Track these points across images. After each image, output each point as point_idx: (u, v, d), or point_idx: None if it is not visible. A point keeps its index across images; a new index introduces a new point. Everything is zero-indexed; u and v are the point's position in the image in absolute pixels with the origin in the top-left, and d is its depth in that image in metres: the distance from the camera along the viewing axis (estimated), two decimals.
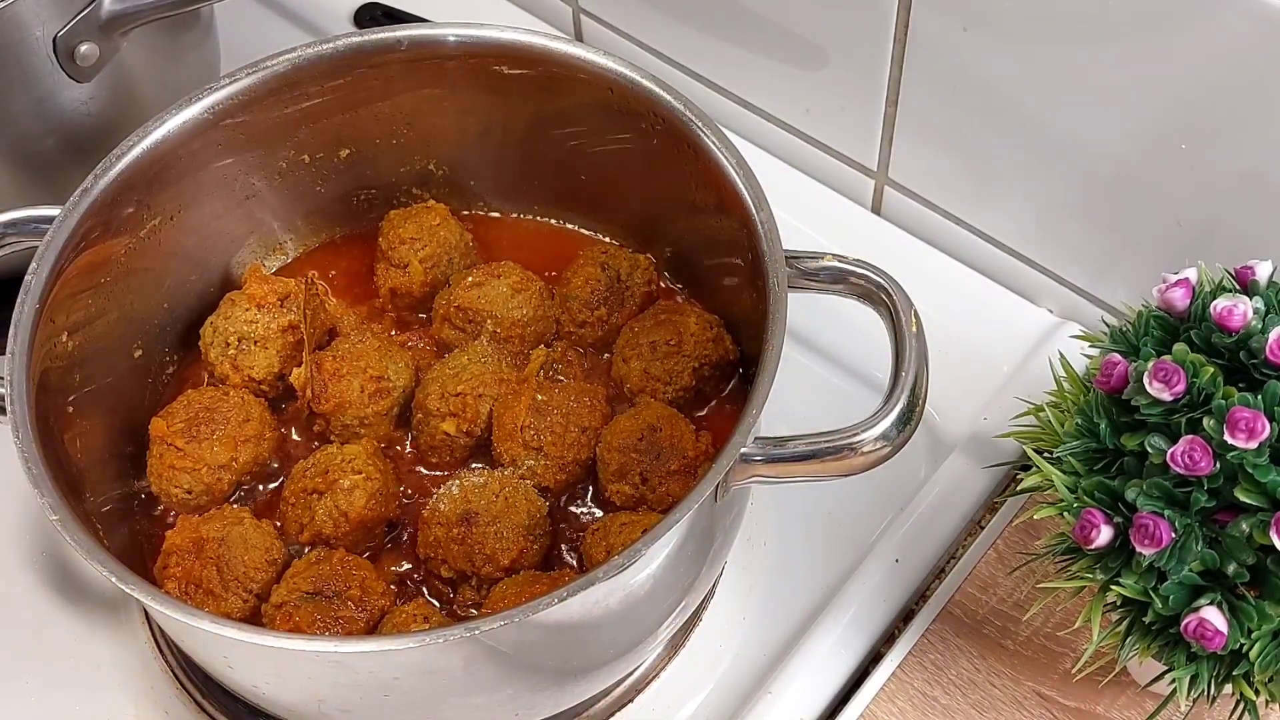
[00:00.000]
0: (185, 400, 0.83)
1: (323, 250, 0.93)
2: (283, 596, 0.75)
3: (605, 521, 0.78)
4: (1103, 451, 0.67)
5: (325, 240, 0.93)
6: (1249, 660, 0.63)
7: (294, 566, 0.78)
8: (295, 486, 0.79)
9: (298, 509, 0.79)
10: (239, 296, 0.86)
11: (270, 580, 0.77)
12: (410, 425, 0.84)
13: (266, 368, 0.84)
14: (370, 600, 0.75)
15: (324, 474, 0.78)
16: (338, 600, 0.75)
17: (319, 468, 0.79)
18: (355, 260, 0.92)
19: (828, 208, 1.01)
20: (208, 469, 0.81)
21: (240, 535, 0.77)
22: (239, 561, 0.76)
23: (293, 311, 0.85)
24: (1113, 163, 0.84)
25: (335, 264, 0.92)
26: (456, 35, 0.84)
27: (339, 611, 0.75)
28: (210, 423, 0.81)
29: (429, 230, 0.89)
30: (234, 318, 0.85)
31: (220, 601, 0.76)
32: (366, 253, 0.92)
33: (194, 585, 0.76)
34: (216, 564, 0.76)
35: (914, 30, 0.87)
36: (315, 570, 0.76)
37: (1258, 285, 0.67)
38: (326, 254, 0.93)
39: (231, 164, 0.86)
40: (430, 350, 0.88)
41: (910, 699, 0.79)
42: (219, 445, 0.81)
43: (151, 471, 0.82)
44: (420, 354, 0.88)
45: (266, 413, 0.84)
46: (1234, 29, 0.73)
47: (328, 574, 0.76)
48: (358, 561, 0.77)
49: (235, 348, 0.84)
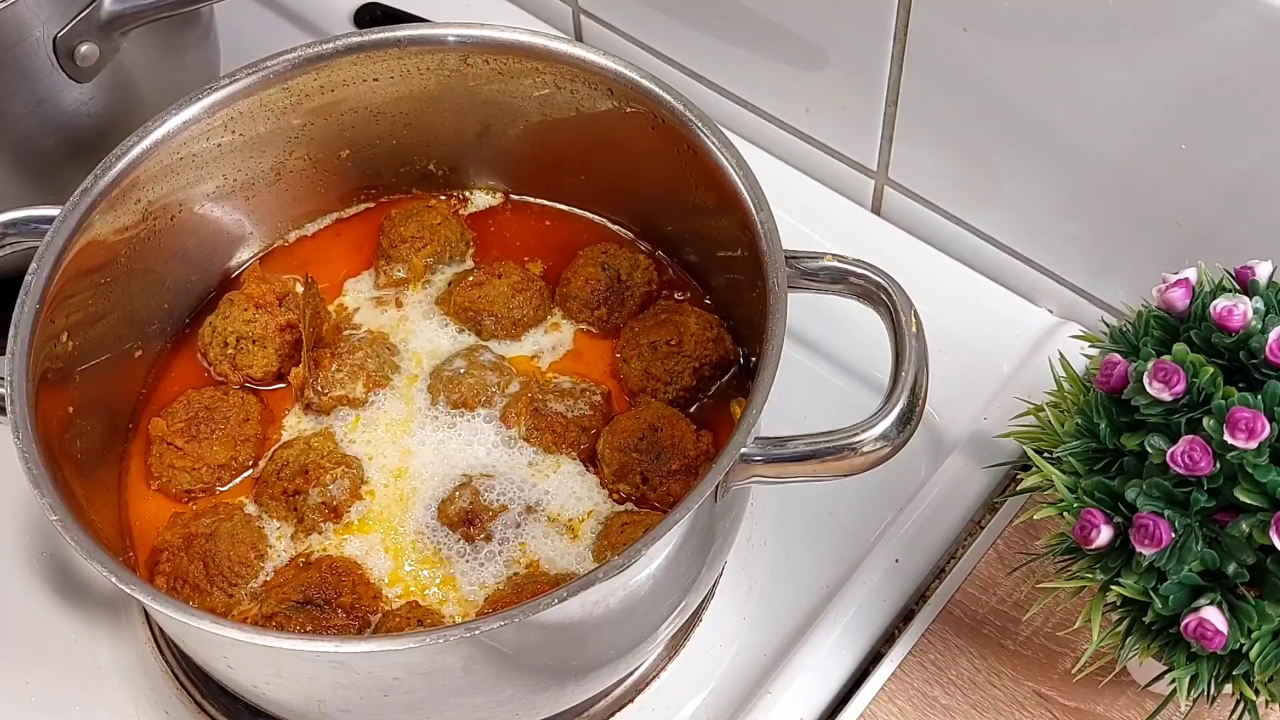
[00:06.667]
0: (185, 400, 0.83)
1: (323, 249, 0.93)
2: (272, 607, 0.75)
3: (606, 521, 0.78)
4: (1103, 451, 0.67)
5: (325, 240, 0.93)
6: (1249, 660, 0.63)
7: (280, 574, 0.78)
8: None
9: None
10: (238, 296, 0.86)
11: (255, 575, 0.78)
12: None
13: (265, 367, 0.85)
14: (362, 605, 0.76)
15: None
16: (328, 608, 0.75)
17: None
18: (355, 259, 0.92)
19: (828, 208, 1.01)
20: (208, 468, 0.81)
21: (228, 531, 0.78)
22: (224, 557, 0.77)
23: (291, 311, 0.85)
24: (1113, 163, 0.84)
25: (335, 264, 0.92)
26: (456, 35, 0.84)
27: (330, 620, 0.75)
28: (210, 422, 0.82)
29: (430, 229, 0.89)
30: (233, 317, 0.85)
31: (205, 597, 0.77)
32: (367, 252, 0.92)
33: (181, 580, 0.77)
34: (203, 559, 0.77)
35: (914, 30, 0.87)
36: (304, 578, 0.76)
37: (1258, 285, 0.67)
38: (326, 253, 0.93)
39: (232, 164, 0.86)
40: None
41: (910, 699, 0.79)
42: (219, 444, 0.81)
43: (152, 471, 0.82)
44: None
45: (265, 411, 0.84)
46: (1234, 29, 0.73)
47: (316, 581, 0.76)
48: (347, 565, 0.77)
49: (234, 347, 0.84)
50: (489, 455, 0.82)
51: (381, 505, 0.81)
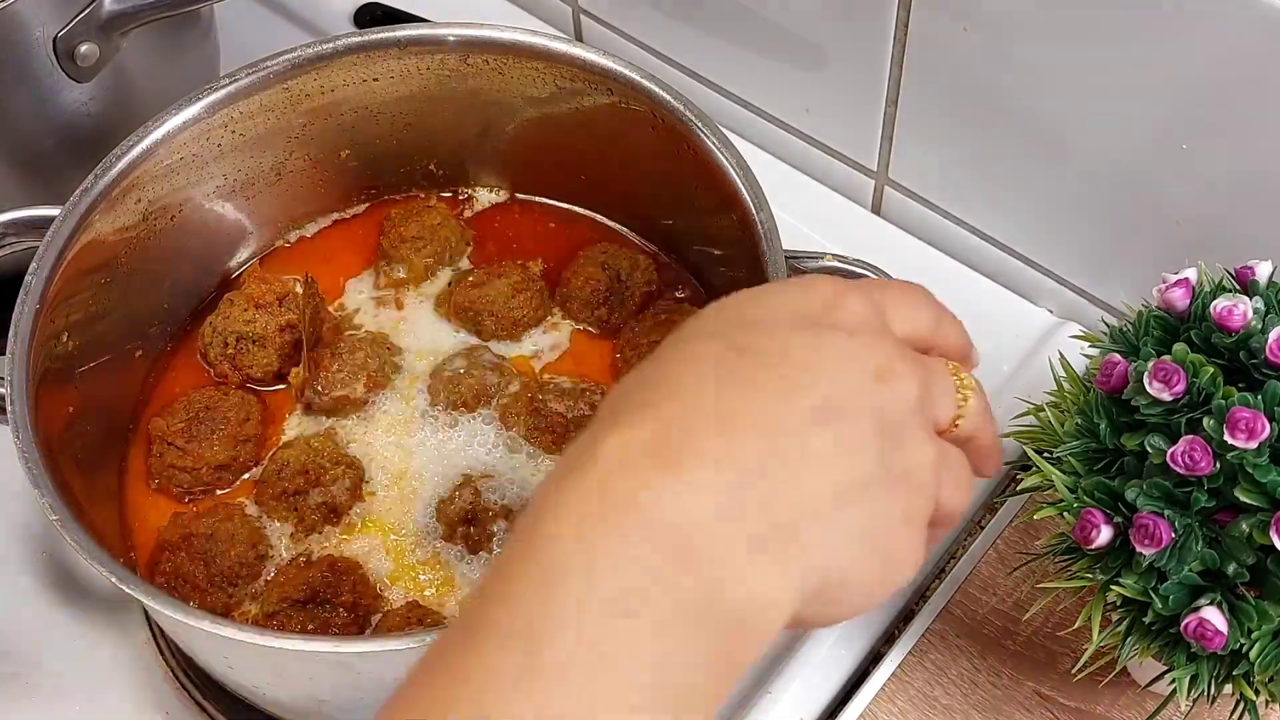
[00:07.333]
0: (185, 400, 0.83)
1: (323, 250, 0.93)
2: (272, 605, 0.75)
3: None
4: (1103, 451, 0.67)
5: (326, 240, 0.93)
6: (1249, 660, 0.63)
7: (282, 572, 0.78)
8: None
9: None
10: (238, 297, 0.86)
11: (256, 576, 0.78)
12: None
13: (265, 367, 0.85)
14: (363, 604, 0.76)
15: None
16: (328, 607, 0.75)
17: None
18: (356, 260, 0.92)
19: (828, 208, 1.01)
20: (208, 468, 0.81)
21: (227, 531, 0.78)
22: (225, 557, 0.77)
23: (291, 311, 0.85)
24: (1113, 163, 0.84)
25: (335, 264, 0.92)
26: (456, 35, 0.84)
27: (331, 619, 0.75)
28: (210, 422, 0.82)
29: (430, 230, 0.89)
30: (233, 317, 0.85)
31: (205, 596, 0.77)
32: (367, 252, 0.92)
33: (181, 580, 0.77)
34: (204, 559, 0.77)
35: (914, 30, 0.87)
36: (304, 576, 0.76)
37: (1258, 285, 0.67)
38: (327, 253, 0.93)
39: (232, 164, 0.86)
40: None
41: (910, 699, 0.79)
42: (219, 444, 0.81)
43: (152, 470, 0.82)
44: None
45: (266, 411, 0.84)
46: (1234, 29, 0.73)
47: (318, 580, 0.76)
48: (348, 564, 0.77)
49: (234, 347, 0.85)
50: (489, 455, 0.82)
51: (382, 506, 0.81)
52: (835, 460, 0.46)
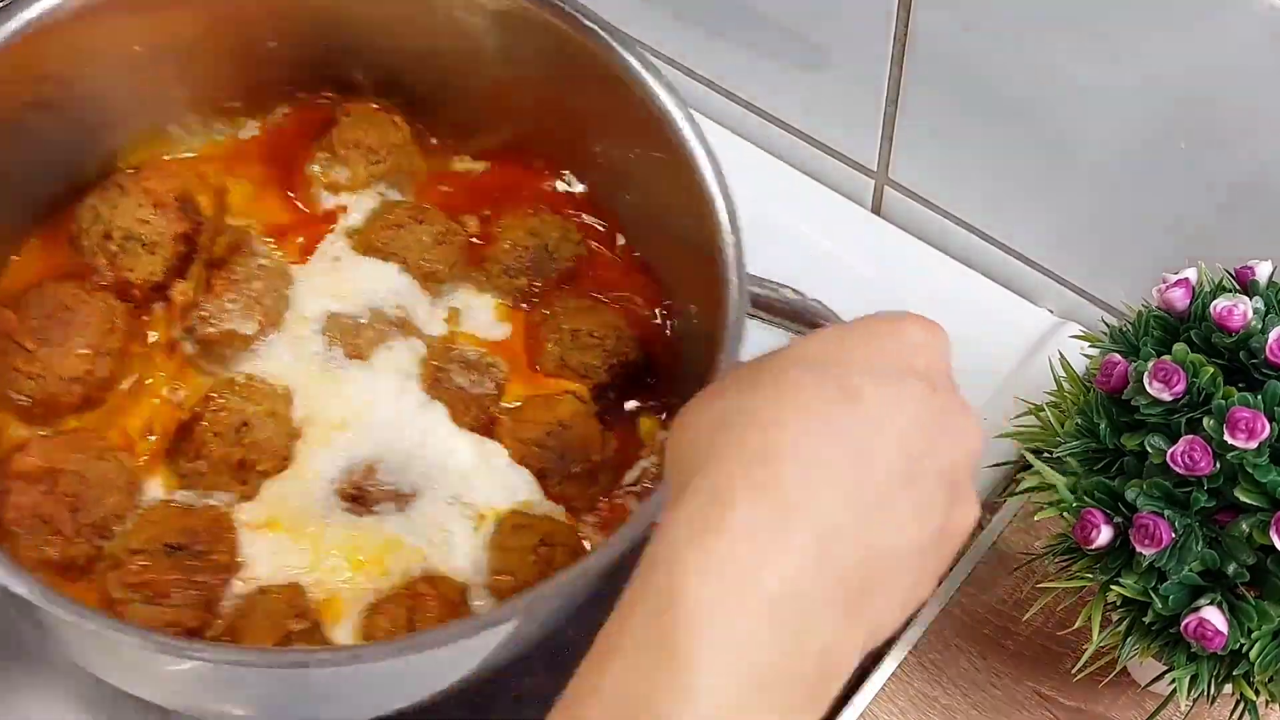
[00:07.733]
0: (39, 293, 0.72)
1: (238, 156, 0.81)
2: (141, 543, 0.67)
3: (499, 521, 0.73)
4: (1103, 451, 0.67)
5: (243, 147, 0.82)
6: (1249, 660, 0.63)
7: (157, 509, 0.69)
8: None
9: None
10: (133, 186, 0.75)
11: (125, 529, 0.69)
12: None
13: (148, 274, 0.74)
14: (226, 563, 0.68)
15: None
16: (200, 560, 0.67)
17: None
18: (273, 174, 0.81)
19: (828, 208, 1.01)
20: (56, 379, 0.70)
21: (101, 473, 0.68)
22: (99, 504, 0.67)
23: (193, 218, 0.75)
24: (1113, 162, 0.84)
25: (247, 169, 0.80)
26: None
27: (196, 575, 0.67)
28: (68, 325, 0.71)
29: (390, 147, 0.79)
30: (123, 210, 0.74)
31: (67, 545, 0.67)
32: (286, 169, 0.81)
33: (40, 521, 0.67)
34: (72, 503, 0.67)
35: (914, 30, 0.87)
36: (183, 522, 0.68)
37: (1258, 285, 0.67)
38: (240, 161, 0.81)
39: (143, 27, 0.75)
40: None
41: (910, 699, 0.79)
42: (75, 356, 0.70)
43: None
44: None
45: (133, 323, 0.74)
46: (1234, 29, 0.73)
47: (197, 527, 0.68)
48: (228, 521, 0.69)
49: (118, 244, 0.74)
50: (385, 414, 0.75)
51: (268, 463, 0.72)
52: (911, 524, 0.48)
